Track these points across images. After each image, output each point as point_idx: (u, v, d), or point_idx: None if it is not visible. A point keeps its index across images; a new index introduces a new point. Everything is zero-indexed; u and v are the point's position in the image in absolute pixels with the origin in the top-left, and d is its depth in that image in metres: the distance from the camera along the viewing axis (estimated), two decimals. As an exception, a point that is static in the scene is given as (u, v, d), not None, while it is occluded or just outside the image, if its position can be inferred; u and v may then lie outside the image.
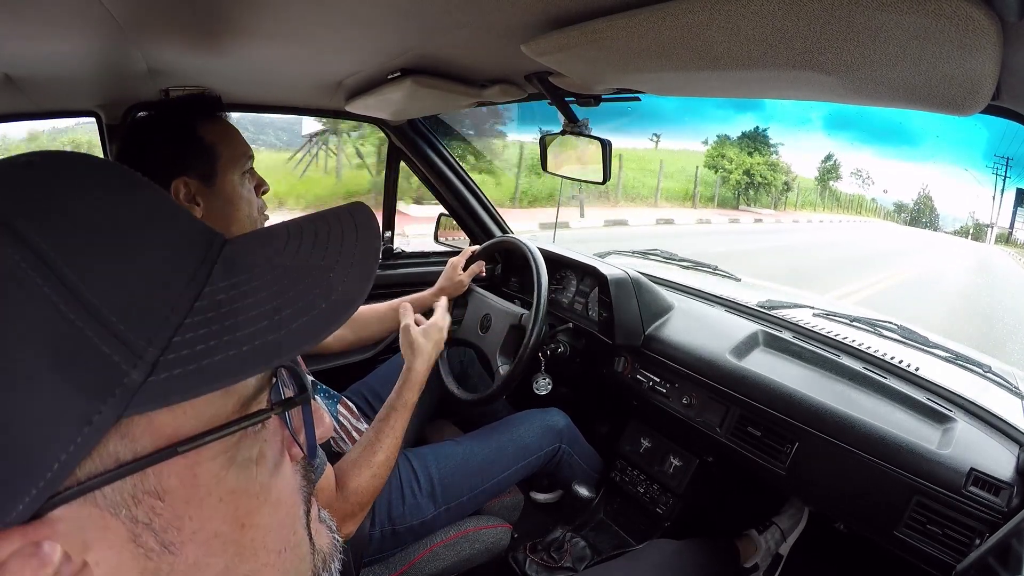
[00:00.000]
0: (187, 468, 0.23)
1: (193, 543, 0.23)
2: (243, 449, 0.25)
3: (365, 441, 0.84)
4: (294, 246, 0.28)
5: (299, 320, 0.23)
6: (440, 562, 0.99)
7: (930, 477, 0.77)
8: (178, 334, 0.22)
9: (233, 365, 0.22)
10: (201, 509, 0.23)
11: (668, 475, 1.25)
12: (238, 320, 0.23)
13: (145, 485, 0.22)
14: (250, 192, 0.84)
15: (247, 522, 0.25)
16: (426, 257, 1.70)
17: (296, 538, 0.28)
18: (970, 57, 0.38)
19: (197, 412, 0.23)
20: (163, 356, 0.21)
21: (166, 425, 0.22)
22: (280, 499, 0.27)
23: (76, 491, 0.20)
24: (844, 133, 41.28)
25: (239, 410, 0.25)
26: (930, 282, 9.34)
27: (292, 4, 0.60)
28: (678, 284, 1.41)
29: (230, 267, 0.26)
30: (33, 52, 0.75)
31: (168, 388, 0.21)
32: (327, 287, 0.25)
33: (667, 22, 0.47)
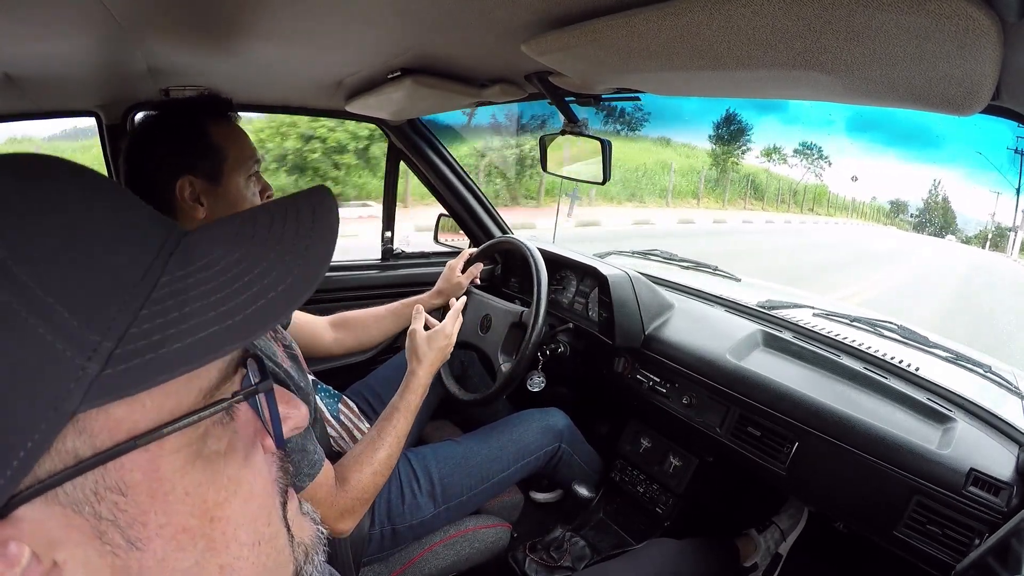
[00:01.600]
0: (149, 462, 0.22)
1: (160, 538, 0.23)
2: (210, 441, 0.25)
3: (368, 439, 0.84)
4: (249, 231, 0.27)
5: (253, 305, 0.23)
6: (440, 561, 0.99)
7: (930, 477, 0.77)
8: (134, 326, 0.22)
9: (187, 353, 0.21)
10: (166, 503, 0.23)
11: (668, 475, 1.25)
12: (192, 308, 0.23)
13: (107, 481, 0.21)
14: (254, 195, 0.83)
15: (216, 515, 0.25)
16: (426, 258, 1.70)
17: (271, 530, 0.28)
18: (970, 57, 0.38)
19: (156, 404, 0.22)
20: (118, 349, 0.21)
21: (124, 419, 0.22)
22: (252, 491, 0.27)
23: (36, 489, 0.20)
24: (867, 135, 41.07)
25: (201, 401, 0.24)
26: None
27: (292, 4, 0.60)
28: (678, 284, 1.41)
29: (186, 256, 0.25)
30: (33, 52, 0.75)
31: (123, 381, 0.20)
32: (283, 272, 0.25)
33: (667, 22, 0.47)
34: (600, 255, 1.53)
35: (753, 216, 17.73)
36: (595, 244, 1.85)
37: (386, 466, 0.82)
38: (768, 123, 32.51)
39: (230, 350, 0.22)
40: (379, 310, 1.26)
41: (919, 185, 35.71)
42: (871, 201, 31.19)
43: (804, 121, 29.68)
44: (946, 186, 31.59)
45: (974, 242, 24.21)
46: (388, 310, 1.26)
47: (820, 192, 25.54)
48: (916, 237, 23.18)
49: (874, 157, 38.18)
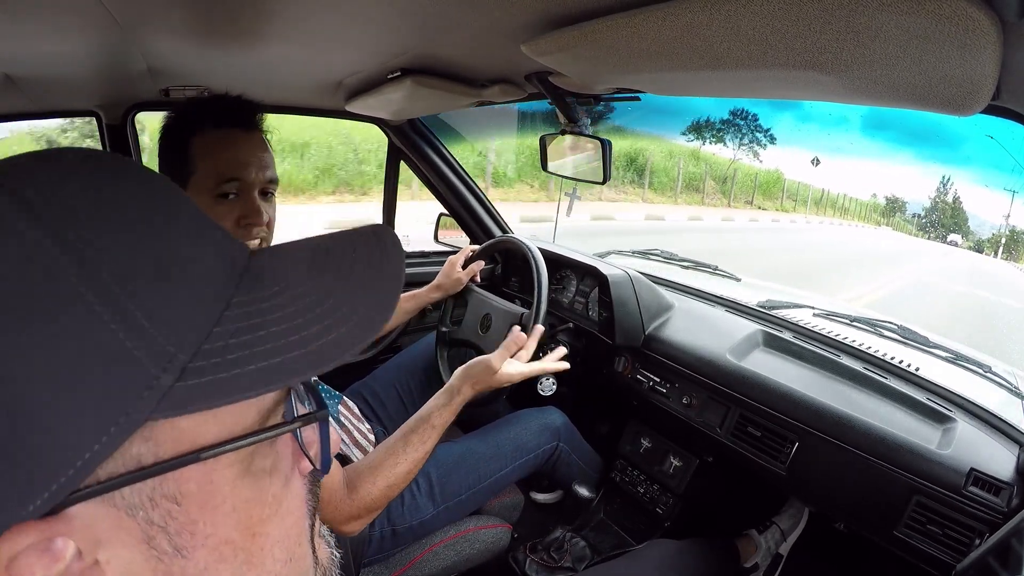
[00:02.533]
0: (205, 475, 0.23)
1: (205, 548, 0.23)
2: (258, 459, 0.26)
3: (389, 447, 0.78)
4: (319, 264, 0.28)
5: (324, 338, 0.24)
6: (440, 562, 0.99)
7: (930, 477, 0.77)
8: (208, 342, 0.22)
9: (260, 377, 0.22)
10: (215, 515, 0.24)
11: (668, 475, 1.25)
12: (267, 333, 0.23)
13: (164, 489, 0.22)
14: (221, 218, 0.73)
15: (258, 531, 0.25)
16: (426, 257, 1.70)
17: (301, 550, 0.29)
18: (970, 57, 0.38)
19: (219, 420, 0.23)
20: (192, 363, 0.21)
21: (188, 431, 0.22)
22: (289, 510, 0.28)
23: (96, 490, 0.20)
24: (882, 134, 40.86)
25: (259, 421, 0.25)
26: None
27: (292, 4, 0.60)
28: (678, 284, 1.41)
29: (257, 280, 0.26)
30: (33, 52, 0.75)
31: (195, 395, 0.21)
32: (351, 307, 0.25)
33: (667, 22, 0.47)
34: (600, 255, 1.53)
35: (703, 213, 15.85)
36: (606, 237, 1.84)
37: (403, 481, 0.76)
38: (782, 119, 31.87)
39: (299, 379, 0.23)
40: None
41: (922, 183, 34.20)
42: (871, 199, 29.31)
43: (819, 120, 29.02)
44: (957, 185, 29.79)
45: (987, 247, 22.78)
46: None
47: (772, 180, 22.57)
48: (915, 241, 21.34)
49: (882, 155, 37.24)
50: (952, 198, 28.26)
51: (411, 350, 1.35)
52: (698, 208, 15.77)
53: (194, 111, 0.76)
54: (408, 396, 1.25)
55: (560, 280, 1.42)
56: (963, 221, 27.32)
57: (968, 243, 24.58)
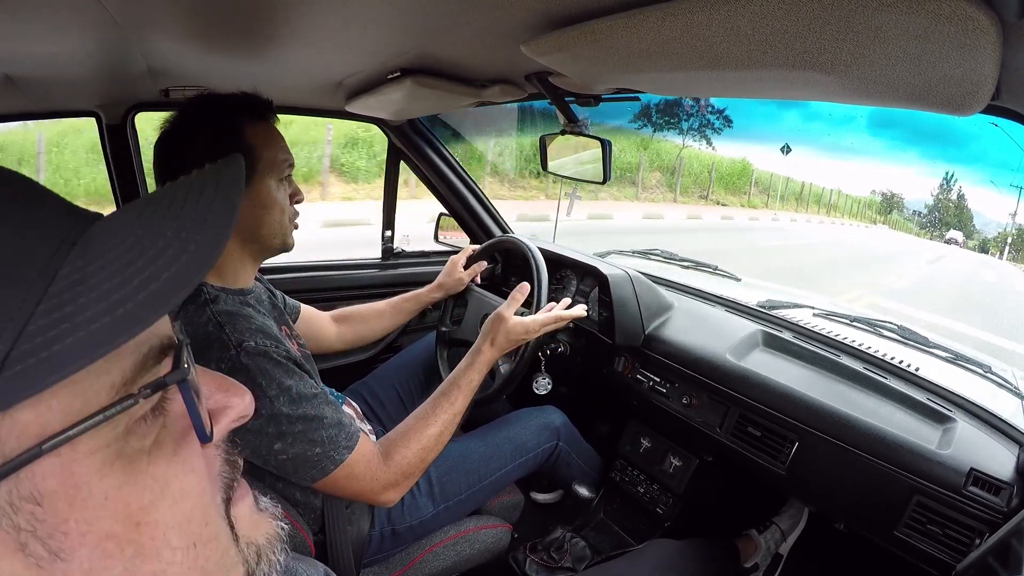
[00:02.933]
0: (63, 467, 0.21)
1: (84, 547, 0.22)
2: (133, 440, 0.23)
3: (420, 413, 0.84)
4: (149, 211, 0.25)
5: (146, 289, 0.21)
6: (440, 562, 0.99)
7: (930, 477, 0.77)
8: (30, 323, 0.20)
9: (81, 348, 0.20)
10: (85, 510, 0.22)
11: (668, 475, 1.25)
12: (89, 298, 0.21)
13: (20, 490, 0.20)
14: (284, 199, 0.83)
15: (142, 519, 0.23)
16: (426, 257, 1.71)
17: (209, 530, 0.26)
18: (970, 57, 0.38)
19: (64, 405, 0.21)
20: (14, 350, 0.19)
21: (31, 423, 0.20)
22: (184, 490, 0.25)
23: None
24: (888, 132, 40.14)
25: (114, 396, 0.22)
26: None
27: (292, 4, 0.60)
28: (678, 284, 1.41)
29: (88, 245, 0.23)
30: (33, 52, 0.75)
31: (19, 383, 0.19)
32: (178, 250, 0.23)
33: (667, 22, 0.47)
34: (600, 254, 1.53)
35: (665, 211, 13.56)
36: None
37: (435, 443, 0.82)
38: (789, 118, 30.76)
39: (121, 342, 0.20)
40: (378, 305, 1.27)
41: (925, 180, 32.41)
42: (870, 195, 26.66)
43: (823, 119, 27.78)
44: (963, 183, 27.78)
45: (992, 247, 21.13)
46: (388, 304, 1.27)
47: (736, 171, 19.06)
48: (911, 240, 18.71)
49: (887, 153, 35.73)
50: (956, 195, 27.00)
51: (411, 350, 1.35)
52: (631, 204, 12.84)
53: (240, 102, 0.81)
54: (408, 396, 1.25)
55: (560, 280, 1.42)
56: (968, 219, 25.66)
57: (974, 242, 22.96)
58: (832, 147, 27.95)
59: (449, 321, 1.30)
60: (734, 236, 12.50)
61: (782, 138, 26.12)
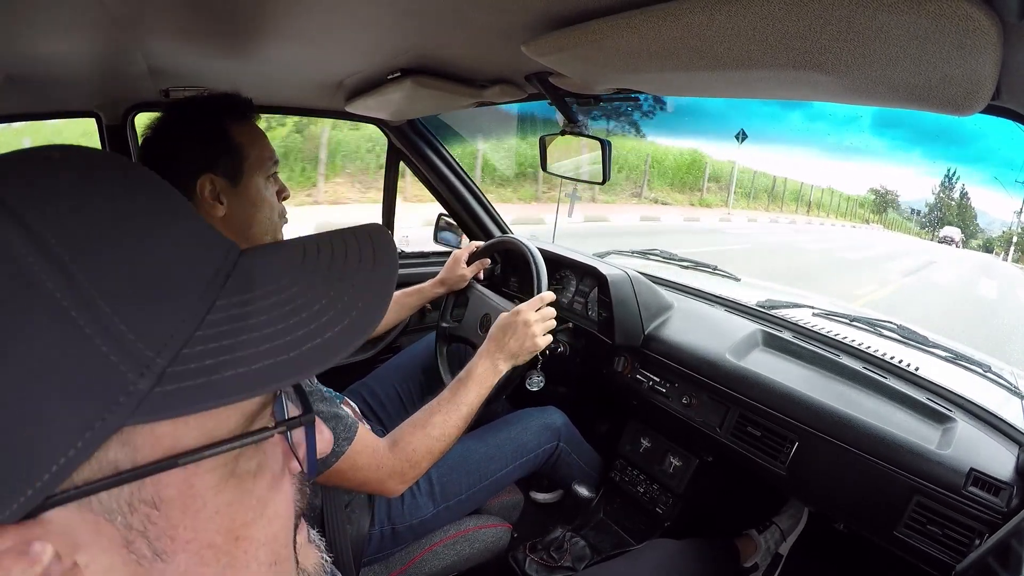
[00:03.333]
0: (185, 480, 0.23)
1: (186, 552, 0.23)
2: (243, 462, 0.25)
3: (430, 404, 0.85)
4: (311, 264, 0.27)
5: (311, 342, 0.23)
6: (440, 561, 0.99)
7: (930, 477, 0.77)
8: (188, 346, 0.22)
9: (241, 382, 0.22)
10: (196, 520, 0.23)
11: (668, 475, 1.25)
12: (249, 337, 0.23)
13: (142, 494, 0.22)
14: (273, 196, 0.84)
15: (241, 534, 0.25)
16: (426, 257, 1.71)
17: (287, 552, 0.28)
18: (970, 57, 0.38)
19: (199, 424, 0.23)
20: (171, 367, 0.21)
21: (167, 436, 0.22)
22: (276, 513, 0.27)
23: (72, 495, 0.20)
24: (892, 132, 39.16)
25: (242, 425, 0.24)
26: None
27: (292, 5, 0.60)
28: (678, 284, 1.41)
29: (244, 280, 0.25)
30: (33, 52, 0.75)
31: (173, 400, 0.21)
32: (342, 310, 0.25)
33: (667, 22, 0.47)
34: (600, 255, 1.53)
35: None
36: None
37: (443, 432, 0.82)
38: (793, 118, 29.71)
39: (282, 385, 0.23)
40: None
41: (926, 179, 30.27)
42: (867, 193, 23.77)
43: (826, 118, 26.59)
44: (967, 182, 25.68)
45: (996, 246, 19.12)
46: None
47: (685, 165, 16.09)
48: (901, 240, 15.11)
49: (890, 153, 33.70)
50: (959, 193, 24.94)
51: (411, 350, 1.35)
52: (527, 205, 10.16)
53: (223, 103, 0.81)
54: (408, 396, 1.25)
55: (560, 280, 1.42)
56: (971, 218, 23.84)
57: (977, 240, 21.19)
58: (834, 147, 27.07)
59: (450, 317, 1.30)
60: (655, 240, 10.16)
61: (784, 138, 25.44)
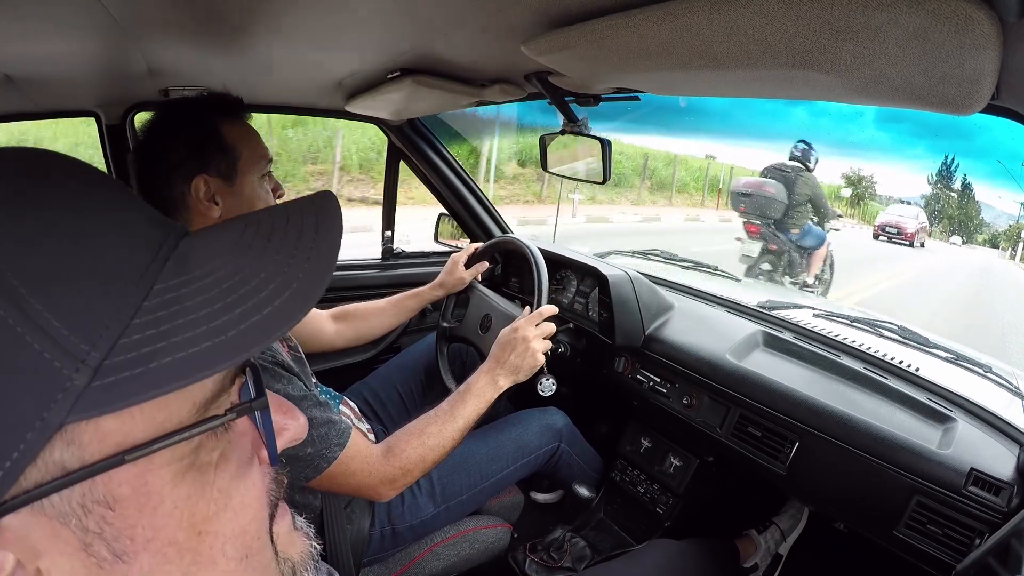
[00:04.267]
0: (138, 476, 0.22)
1: (147, 552, 0.22)
2: (203, 453, 0.24)
3: (428, 414, 0.86)
4: (250, 239, 0.26)
5: (249, 319, 0.22)
6: (440, 562, 0.99)
7: (930, 477, 0.77)
8: (125, 335, 0.21)
9: (179, 368, 0.21)
10: (154, 517, 0.22)
11: (668, 475, 1.25)
12: (186, 320, 0.22)
13: (94, 494, 0.21)
14: (267, 194, 0.84)
15: (204, 529, 0.24)
16: (426, 257, 1.71)
17: (259, 544, 0.27)
18: (970, 57, 0.38)
19: (148, 417, 0.22)
20: (108, 359, 0.20)
21: (114, 431, 0.21)
22: (244, 504, 0.26)
23: (21, 500, 0.19)
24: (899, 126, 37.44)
25: (196, 414, 0.23)
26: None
27: (292, 4, 0.60)
28: (678, 284, 1.41)
29: (183, 262, 0.24)
30: (33, 52, 0.75)
31: (112, 394, 0.20)
32: (281, 283, 0.24)
33: (667, 22, 0.47)
34: (600, 255, 1.53)
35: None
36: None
37: (439, 444, 0.83)
38: (796, 115, 28.43)
39: (221, 368, 0.21)
40: (380, 303, 1.27)
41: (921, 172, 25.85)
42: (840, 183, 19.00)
43: (833, 115, 24.91)
44: (972, 176, 21.65)
45: (1002, 241, 16.52)
46: (389, 302, 1.27)
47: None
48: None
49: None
50: (960, 184, 21.41)
51: (411, 350, 1.35)
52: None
53: (213, 103, 0.82)
54: (408, 396, 1.25)
55: (560, 280, 1.42)
56: (975, 213, 20.75)
57: (983, 236, 18.60)
58: (839, 143, 25.79)
59: (450, 317, 1.31)
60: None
61: (787, 136, 24.29)
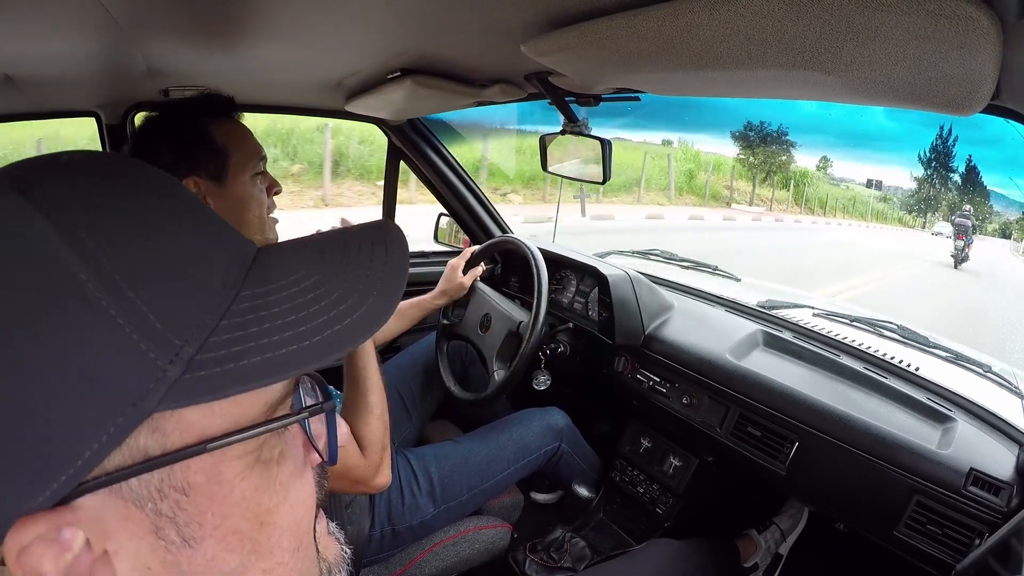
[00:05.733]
0: (212, 466, 0.23)
1: (213, 538, 0.24)
2: (266, 450, 0.26)
3: (352, 396, 0.79)
4: (328, 256, 0.28)
5: (331, 328, 0.24)
6: (440, 562, 0.99)
7: (930, 477, 0.77)
8: (214, 335, 0.23)
9: (265, 367, 0.22)
10: (224, 506, 0.24)
11: (668, 475, 1.25)
12: (272, 325, 0.24)
13: (172, 480, 0.22)
14: (261, 192, 0.84)
15: (266, 520, 0.26)
16: (426, 257, 1.71)
17: (308, 539, 0.29)
18: (970, 57, 0.38)
19: (226, 412, 0.23)
20: (198, 355, 0.22)
21: (195, 423, 0.22)
22: (299, 499, 0.28)
23: (103, 481, 0.21)
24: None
25: (266, 412, 0.25)
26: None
27: (292, 4, 0.60)
28: (678, 284, 1.41)
29: (264, 273, 0.26)
30: (33, 52, 0.75)
31: (201, 387, 0.21)
32: (358, 299, 0.26)
33: (667, 22, 0.47)
34: (600, 255, 1.53)
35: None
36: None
37: (381, 407, 0.79)
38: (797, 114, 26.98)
39: (304, 370, 0.23)
40: None
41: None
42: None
43: (842, 106, 23.56)
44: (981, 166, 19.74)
45: (1015, 229, 14.66)
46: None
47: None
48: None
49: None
50: (965, 167, 18.73)
51: (411, 350, 1.35)
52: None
53: (202, 103, 0.81)
54: (408, 396, 1.25)
55: (560, 280, 1.42)
56: (983, 198, 18.65)
57: (993, 225, 17.15)
58: (848, 134, 24.37)
59: (451, 314, 1.31)
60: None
61: (797, 127, 23.00)
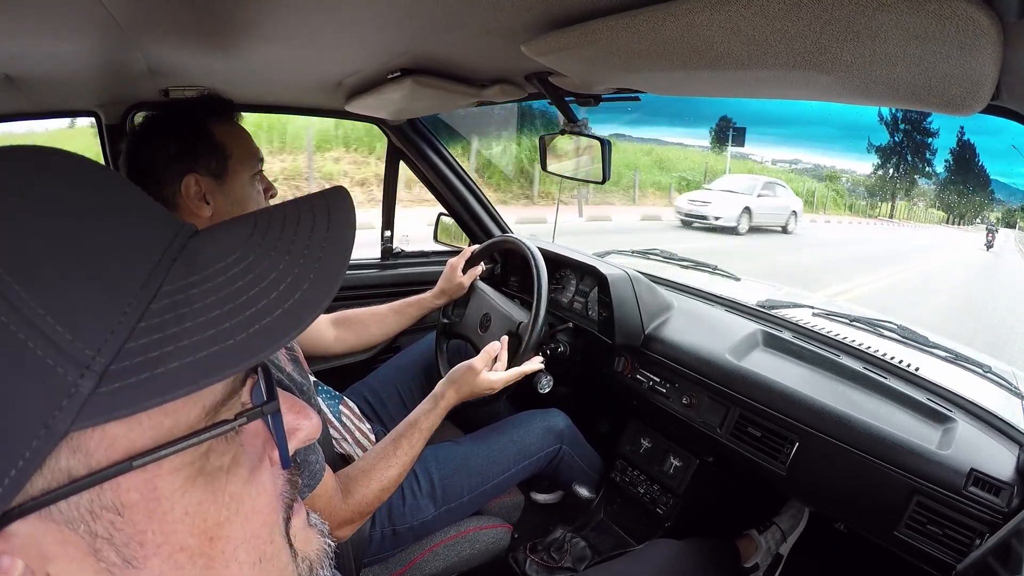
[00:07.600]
0: (146, 482, 0.21)
1: (157, 557, 0.22)
2: (213, 457, 0.24)
3: (380, 452, 0.82)
4: (259, 237, 0.25)
5: (258, 323, 0.22)
6: (440, 562, 0.99)
7: (930, 477, 0.77)
8: (131, 340, 0.20)
9: (185, 375, 0.20)
10: (164, 523, 0.22)
11: (668, 475, 1.25)
12: (194, 323, 0.21)
13: (102, 500, 0.21)
14: (259, 194, 0.85)
15: (216, 534, 0.24)
16: (426, 257, 1.71)
17: (273, 547, 0.27)
18: (970, 57, 0.38)
19: (155, 423, 0.21)
20: (113, 365, 0.20)
21: (121, 437, 0.21)
22: (255, 508, 0.26)
23: (30, 507, 0.19)
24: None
25: (204, 418, 0.23)
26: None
27: (292, 4, 0.60)
28: (678, 284, 1.41)
29: (191, 263, 0.24)
30: (33, 52, 0.75)
31: (117, 400, 0.19)
32: (291, 285, 0.23)
33: (667, 22, 0.47)
34: (600, 254, 1.53)
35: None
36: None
37: (394, 484, 0.81)
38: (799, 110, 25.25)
39: (229, 374, 0.21)
40: (380, 309, 1.27)
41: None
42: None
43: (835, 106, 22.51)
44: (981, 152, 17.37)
45: (1021, 218, 13.32)
46: (390, 308, 1.27)
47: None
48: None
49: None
50: (958, 139, 16.39)
51: (411, 350, 1.35)
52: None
53: (203, 103, 0.82)
54: (408, 396, 1.25)
55: (560, 280, 1.42)
56: (984, 182, 16.72)
57: (996, 213, 15.50)
58: (849, 125, 23.44)
59: (451, 313, 1.31)
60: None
61: (797, 120, 21.94)
